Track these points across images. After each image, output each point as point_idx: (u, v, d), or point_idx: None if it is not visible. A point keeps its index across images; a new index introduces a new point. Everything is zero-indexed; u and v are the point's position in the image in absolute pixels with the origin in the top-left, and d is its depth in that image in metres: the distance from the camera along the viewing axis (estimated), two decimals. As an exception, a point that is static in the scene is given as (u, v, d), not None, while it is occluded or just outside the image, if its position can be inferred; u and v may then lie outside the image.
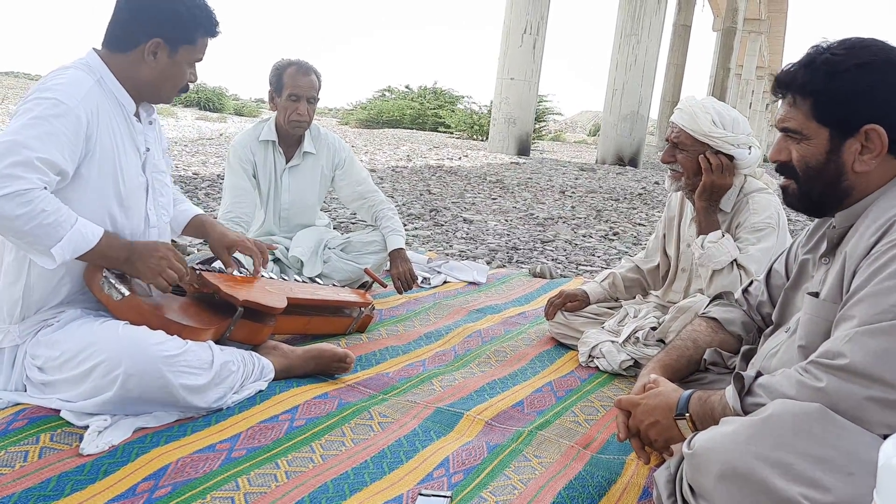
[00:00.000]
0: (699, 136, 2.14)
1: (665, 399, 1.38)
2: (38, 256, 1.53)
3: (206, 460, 1.49)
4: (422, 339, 2.49)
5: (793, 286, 1.50)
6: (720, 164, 2.13)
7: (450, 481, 1.51)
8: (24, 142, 1.48)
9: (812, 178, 1.32)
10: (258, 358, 1.87)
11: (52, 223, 1.49)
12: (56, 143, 1.53)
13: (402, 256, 2.93)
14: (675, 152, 2.20)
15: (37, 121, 1.52)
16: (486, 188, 8.01)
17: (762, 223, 2.15)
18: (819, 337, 1.27)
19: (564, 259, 4.51)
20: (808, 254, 1.47)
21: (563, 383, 2.18)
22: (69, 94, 1.58)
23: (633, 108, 13.59)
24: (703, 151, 2.15)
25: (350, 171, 3.07)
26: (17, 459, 1.42)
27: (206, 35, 1.78)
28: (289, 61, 2.88)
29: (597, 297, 2.57)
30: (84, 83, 1.64)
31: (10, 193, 1.44)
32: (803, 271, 1.48)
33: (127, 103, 1.74)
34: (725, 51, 23.23)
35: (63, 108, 1.56)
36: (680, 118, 2.18)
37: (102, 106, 1.67)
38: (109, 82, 1.71)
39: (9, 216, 1.44)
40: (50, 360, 1.62)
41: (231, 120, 19.78)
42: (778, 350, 1.41)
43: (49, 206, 1.48)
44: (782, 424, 1.10)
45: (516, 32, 13.48)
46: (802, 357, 1.27)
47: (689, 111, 2.15)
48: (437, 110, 24.14)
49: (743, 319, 1.65)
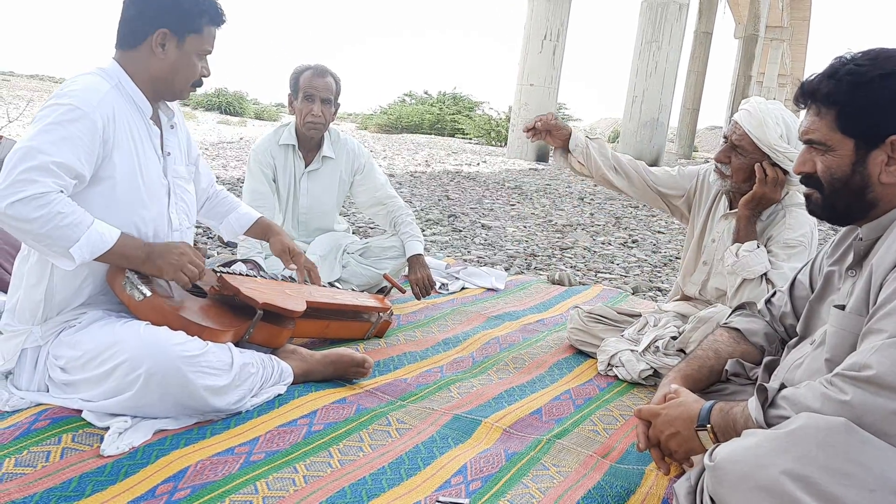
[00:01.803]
0: (763, 146, 2.06)
1: (686, 410, 1.36)
2: (57, 258, 1.55)
3: (225, 463, 1.49)
4: (440, 345, 2.48)
5: (818, 298, 1.48)
6: (776, 177, 2.07)
7: (468, 489, 1.51)
8: (40, 147, 1.51)
9: (837, 189, 1.30)
10: (277, 361, 1.88)
11: (68, 224, 1.51)
12: (72, 147, 1.55)
13: (420, 262, 2.93)
14: (732, 154, 2.13)
15: (52, 126, 1.55)
16: (504, 194, 8.00)
17: (795, 241, 2.10)
18: (845, 350, 1.25)
19: (583, 266, 4.49)
20: (833, 265, 1.45)
21: (581, 392, 2.16)
22: (84, 100, 1.61)
23: (654, 115, 13.52)
24: (760, 160, 2.08)
25: (369, 176, 3.08)
26: (39, 459, 1.44)
27: (212, 23, 1.78)
28: (306, 66, 2.91)
29: (574, 144, 2.41)
30: (100, 88, 1.66)
31: (26, 197, 1.47)
32: (829, 283, 1.46)
33: (144, 106, 1.76)
34: (747, 58, 23.07)
35: (79, 113, 1.58)
36: (747, 121, 2.08)
37: (120, 110, 1.69)
38: (126, 86, 1.73)
39: (26, 219, 1.47)
40: (72, 360, 1.64)
41: (251, 124, 19.92)
42: (802, 362, 1.39)
43: (65, 208, 1.51)
44: (806, 438, 1.08)
45: (536, 38, 13.47)
46: (829, 370, 1.25)
47: (759, 117, 2.06)
48: (455, 116, 24.16)
49: (766, 331, 1.63)
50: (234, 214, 2.20)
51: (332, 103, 2.90)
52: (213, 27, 1.80)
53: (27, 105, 12.79)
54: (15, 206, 1.47)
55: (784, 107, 2.15)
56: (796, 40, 34.08)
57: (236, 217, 2.19)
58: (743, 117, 2.10)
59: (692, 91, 22.96)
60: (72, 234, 1.52)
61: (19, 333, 1.70)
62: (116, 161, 1.67)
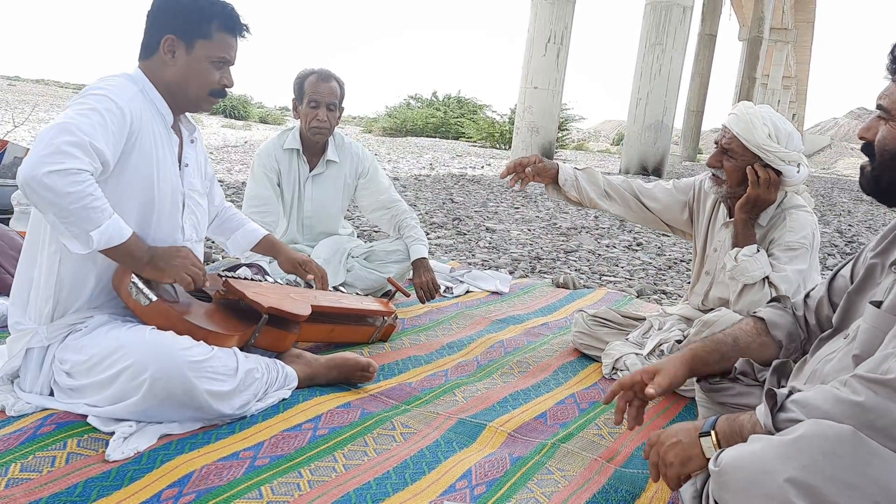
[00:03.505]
0: (752, 147, 2.07)
1: (691, 423, 1.35)
2: (72, 240, 1.53)
3: (229, 468, 1.50)
4: (444, 349, 2.48)
5: (857, 290, 1.43)
6: (768, 178, 2.07)
7: (472, 493, 1.50)
8: (80, 125, 1.52)
9: (886, 162, 1.25)
10: (282, 366, 1.88)
11: (95, 208, 1.51)
12: (104, 133, 1.57)
13: (424, 265, 2.93)
14: (723, 158, 2.14)
15: (90, 111, 1.57)
16: (508, 197, 8.00)
17: (797, 243, 2.09)
18: (875, 348, 1.21)
19: (588, 269, 4.49)
20: (876, 258, 1.41)
21: (586, 395, 2.16)
22: (117, 94, 1.64)
23: (658, 118, 13.50)
24: (752, 162, 2.08)
25: (373, 180, 3.08)
26: (44, 464, 1.44)
27: (224, 30, 1.78)
28: (311, 70, 2.91)
29: (564, 179, 2.40)
30: (129, 88, 1.70)
31: (64, 170, 1.46)
32: (870, 276, 1.41)
33: (167, 113, 1.78)
34: (751, 60, 23.04)
35: (112, 105, 1.61)
36: (735, 124, 2.09)
37: (145, 113, 1.72)
38: (149, 92, 1.76)
39: (59, 192, 1.46)
40: (78, 365, 1.65)
41: (256, 128, 19.95)
42: (834, 356, 1.36)
43: (96, 191, 1.52)
44: (812, 446, 1.07)
45: (540, 41, 13.47)
46: (856, 366, 1.22)
47: (746, 119, 2.07)
48: (459, 119, 24.19)
49: (790, 329, 1.60)
50: (241, 231, 2.25)
51: (336, 108, 2.91)
52: (228, 35, 1.79)
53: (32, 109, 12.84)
54: (52, 175, 1.44)
55: (772, 109, 2.15)
56: (801, 42, 34.02)
57: (243, 234, 2.25)
58: (731, 121, 2.12)
59: (696, 94, 22.94)
60: (96, 217, 1.52)
61: (26, 333, 1.71)
62: (135, 160, 1.68)
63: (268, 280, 2.26)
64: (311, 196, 3.01)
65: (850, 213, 9.82)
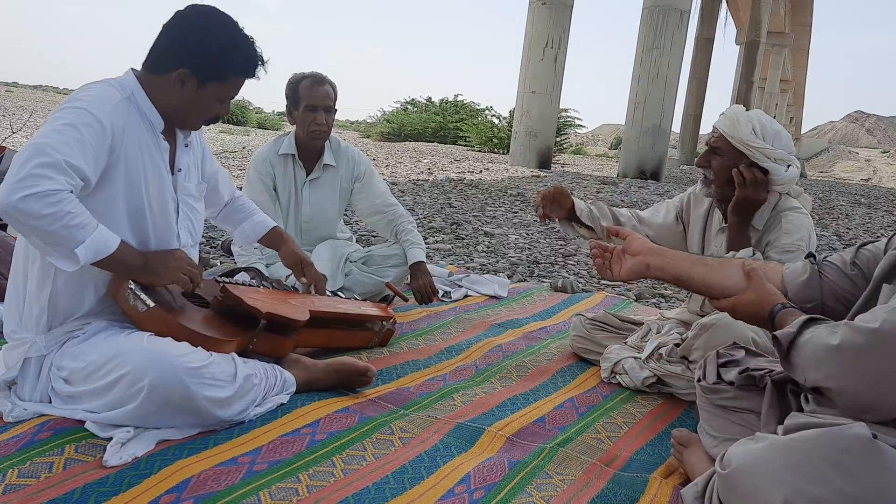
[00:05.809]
0: (736, 144, 2.08)
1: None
2: (59, 259, 1.53)
3: (227, 473, 1.49)
4: (443, 354, 2.48)
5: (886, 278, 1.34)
6: (753, 178, 2.07)
7: (471, 497, 1.50)
8: (54, 145, 1.51)
9: None
10: (280, 371, 1.88)
11: (76, 225, 1.50)
12: (82, 149, 1.55)
13: (422, 270, 2.93)
14: (711, 157, 2.16)
15: (66, 127, 1.55)
16: (507, 201, 8.01)
17: (793, 245, 2.07)
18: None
19: (586, 273, 4.49)
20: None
21: (585, 399, 2.16)
22: (97, 107, 1.62)
23: (656, 122, 13.54)
24: (738, 162, 2.09)
25: (368, 184, 3.08)
26: (42, 470, 1.44)
27: (242, 75, 1.78)
28: (303, 75, 2.92)
29: (580, 210, 2.44)
30: (112, 98, 1.67)
31: (38, 193, 1.45)
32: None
33: (156, 121, 1.76)
34: (749, 64, 23.11)
35: (91, 118, 1.59)
36: (722, 123, 2.13)
37: (130, 121, 1.69)
38: (140, 100, 1.73)
39: (36, 215, 1.45)
40: (75, 372, 1.64)
41: (254, 133, 19.97)
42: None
43: (75, 208, 1.50)
44: (823, 456, 1.07)
45: (538, 46, 13.51)
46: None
47: (733, 117, 2.11)
48: (457, 123, 24.22)
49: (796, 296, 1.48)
50: (249, 222, 2.24)
51: (332, 110, 2.92)
52: (242, 77, 1.79)
53: (30, 116, 12.84)
54: (27, 200, 1.44)
55: (763, 113, 2.18)
56: (798, 46, 34.13)
57: (251, 224, 2.24)
58: (719, 121, 2.15)
59: (694, 97, 23.01)
60: (78, 234, 1.51)
61: (23, 342, 1.70)
62: (122, 171, 1.67)
63: (265, 285, 2.26)
64: (309, 200, 3.02)
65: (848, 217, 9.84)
